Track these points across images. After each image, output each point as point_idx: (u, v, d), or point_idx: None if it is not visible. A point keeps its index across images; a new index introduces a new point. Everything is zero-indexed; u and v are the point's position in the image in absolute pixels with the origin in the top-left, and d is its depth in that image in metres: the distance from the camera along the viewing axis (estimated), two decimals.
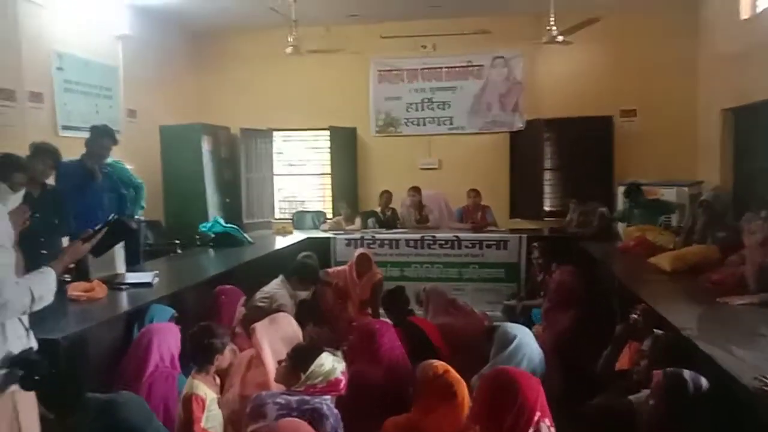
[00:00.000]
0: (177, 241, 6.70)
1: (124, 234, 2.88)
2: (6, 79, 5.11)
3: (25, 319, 1.82)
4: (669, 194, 6.46)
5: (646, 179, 6.58)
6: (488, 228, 6.57)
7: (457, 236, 6.26)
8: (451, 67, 8.02)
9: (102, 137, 4.28)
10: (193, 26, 8.03)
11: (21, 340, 1.81)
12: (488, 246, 6.18)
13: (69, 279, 3.57)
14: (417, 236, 6.30)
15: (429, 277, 6.23)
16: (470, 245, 6.21)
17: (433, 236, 6.28)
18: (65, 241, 4.20)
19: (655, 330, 2.64)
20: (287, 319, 3.37)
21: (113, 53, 6.70)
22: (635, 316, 3.01)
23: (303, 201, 8.86)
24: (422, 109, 8.12)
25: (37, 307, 1.82)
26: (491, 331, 3.59)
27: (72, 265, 2.20)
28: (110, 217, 2.49)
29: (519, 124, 7.92)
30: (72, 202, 4.11)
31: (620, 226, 6.24)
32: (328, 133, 8.08)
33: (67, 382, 2.53)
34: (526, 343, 2.81)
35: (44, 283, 1.85)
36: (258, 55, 8.19)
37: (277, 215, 8.64)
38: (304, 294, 4.53)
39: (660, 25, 7.40)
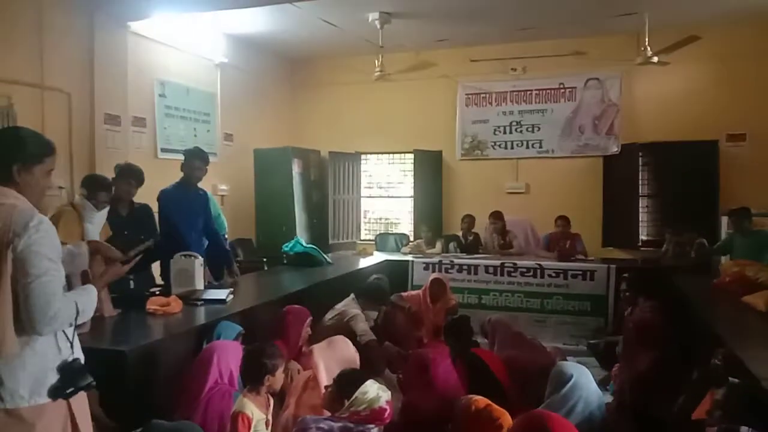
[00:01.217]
0: (264, 259, 6.98)
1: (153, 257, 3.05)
2: (114, 106, 5.59)
3: (70, 331, 1.93)
4: None
5: (754, 209, 6.01)
6: (576, 257, 6.26)
7: (539, 264, 6.02)
8: (542, 89, 7.82)
9: (193, 159, 4.43)
10: (286, 53, 8.41)
11: (66, 350, 1.92)
12: (573, 276, 5.89)
13: (156, 293, 3.82)
14: (497, 262, 6.13)
15: (509, 306, 6.04)
16: (554, 274, 5.95)
17: (514, 263, 6.08)
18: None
19: (731, 378, 2.38)
20: (345, 343, 3.38)
21: (212, 80, 7.14)
22: (716, 361, 2.73)
23: (390, 223, 8.93)
24: (510, 132, 7.96)
25: (80, 320, 1.93)
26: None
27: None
28: (146, 242, 2.69)
29: (614, 148, 7.55)
30: (174, 225, 4.31)
31: (722, 260, 5.74)
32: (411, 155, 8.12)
33: (129, 393, 2.69)
34: (583, 385, 2.61)
35: (87, 299, 1.96)
36: (347, 80, 8.42)
37: (363, 236, 8.76)
38: (373, 315, 4.53)
39: None
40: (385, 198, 8.98)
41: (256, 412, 2.55)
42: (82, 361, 1.99)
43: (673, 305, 4.28)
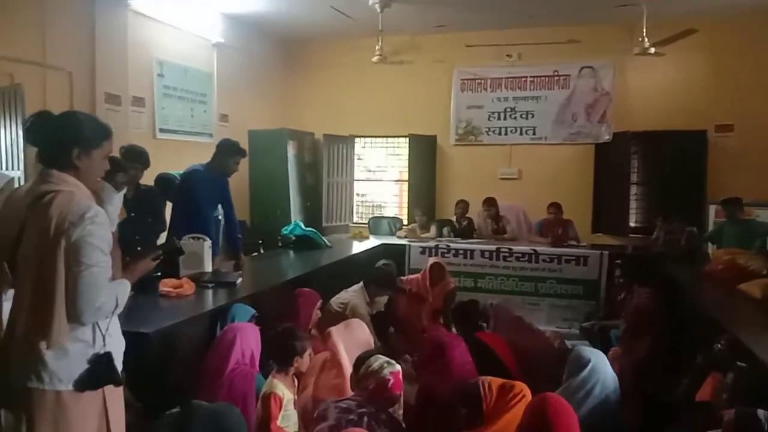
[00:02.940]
0: (260, 242, 7.01)
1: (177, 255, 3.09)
2: (114, 85, 5.54)
3: (105, 322, 1.96)
4: (765, 216, 6.06)
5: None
6: (569, 243, 6.41)
7: (534, 249, 6.15)
8: (537, 77, 7.90)
9: (235, 154, 4.39)
10: (283, 35, 8.35)
11: (99, 342, 1.95)
12: (567, 261, 6.03)
13: (159, 275, 3.83)
14: (492, 247, 6.25)
15: (504, 290, 6.17)
16: (548, 259, 6.09)
17: (510, 248, 6.21)
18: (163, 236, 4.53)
19: (739, 363, 2.51)
20: (361, 325, 3.46)
21: (209, 60, 7.08)
22: (719, 346, 2.87)
23: (381, 206, 9.00)
24: (504, 119, 8.04)
25: (116, 314, 1.97)
26: (565, 353, 3.53)
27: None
28: (172, 242, 2.75)
29: (605, 136, 7.68)
30: (197, 206, 4.33)
31: (710, 249, 5.94)
32: (407, 140, 8.17)
33: (152, 374, 2.73)
34: (600, 369, 2.73)
35: (124, 294, 1.99)
36: (343, 63, 8.41)
37: (355, 220, 8.81)
38: (383, 301, 4.62)
39: (762, 35, 6.96)
40: (375, 182, 9.04)
41: (286, 392, 2.63)
42: (121, 352, 2.03)
43: (668, 292, 4.43)
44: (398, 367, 2.71)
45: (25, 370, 1.83)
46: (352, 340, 3.22)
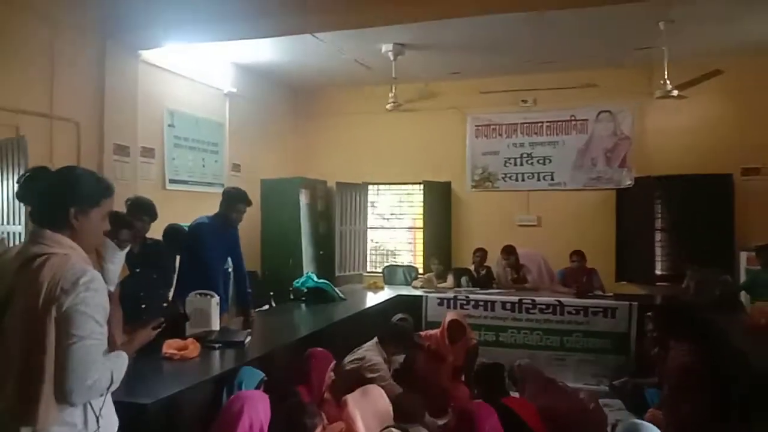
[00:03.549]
0: (271, 294, 6.76)
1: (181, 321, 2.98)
2: (124, 136, 5.43)
3: (98, 402, 1.72)
4: None
5: None
6: (594, 294, 6.10)
7: (559, 300, 5.85)
8: (553, 122, 7.76)
9: (238, 202, 4.23)
10: (295, 83, 8.32)
11: (92, 424, 1.71)
12: (594, 313, 5.71)
13: (161, 331, 3.58)
14: (514, 299, 5.96)
15: (527, 344, 5.85)
16: (574, 311, 5.77)
17: (533, 299, 5.91)
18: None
19: None
20: (379, 392, 3.19)
21: (220, 110, 7.01)
22: None
23: (394, 254, 8.77)
24: (521, 164, 7.87)
25: (111, 390, 1.73)
26: (601, 417, 3.22)
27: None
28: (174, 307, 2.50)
29: (627, 181, 7.46)
30: (204, 260, 4.16)
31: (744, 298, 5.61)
32: (421, 187, 7.99)
33: None
34: None
35: (121, 368, 1.77)
36: (356, 111, 8.35)
37: (369, 269, 8.58)
38: (399, 359, 4.33)
39: None
40: (388, 229, 8.84)
41: None
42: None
43: (711, 347, 4.10)
44: None
45: None
46: (370, 409, 2.95)
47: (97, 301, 1.65)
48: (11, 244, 4.06)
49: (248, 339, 3.81)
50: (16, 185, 1.82)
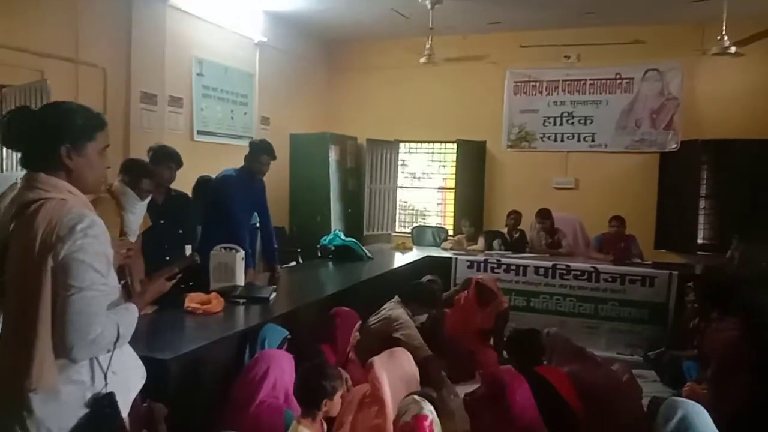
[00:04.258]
0: (299, 250, 6.69)
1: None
2: (151, 84, 5.29)
3: (105, 357, 1.60)
4: None
5: None
6: (632, 261, 5.85)
7: (594, 267, 5.61)
8: (597, 80, 7.36)
9: (261, 153, 4.16)
10: (327, 35, 8.04)
11: (99, 381, 1.60)
12: (631, 281, 5.47)
13: (185, 286, 3.50)
14: (548, 264, 5.74)
15: (559, 310, 5.66)
16: (610, 279, 5.54)
17: (567, 265, 5.68)
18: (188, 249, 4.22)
19: None
20: (406, 356, 3.06)
21: (250, 60, 6.81)
22: None
23: (423, 214, 8.60)
24: (561, 124, 7.52)
25: (119, 346, 1.60)
26: (633, 390, 3.05)
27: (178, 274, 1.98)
28: (190, 257, 2.47)
29: (672, 145, 7.08)
30: (230, 213, 4.09)
31: None
32: (454, 145, 7.75)
33: (174, 406, 2.38)
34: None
35: (129, 322, 1.64)
36: (388, 64, 8.06)
37: (398, 228, 8.43)
38: (421, 319, 4.19)
39: None
40: (418, 189, 8.65)
41: None
42: (133, 389, 1.68)
43: (758, 324, 3.86)
44: (427, 411, 2.34)
45: (7, 418, 1.49)
46: (396, 372, 2.82)
47: (96, 248, 1.51)
48: None
49: (273, 295, 3.72)
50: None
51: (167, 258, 3.75)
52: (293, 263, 6.12)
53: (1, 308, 1.58)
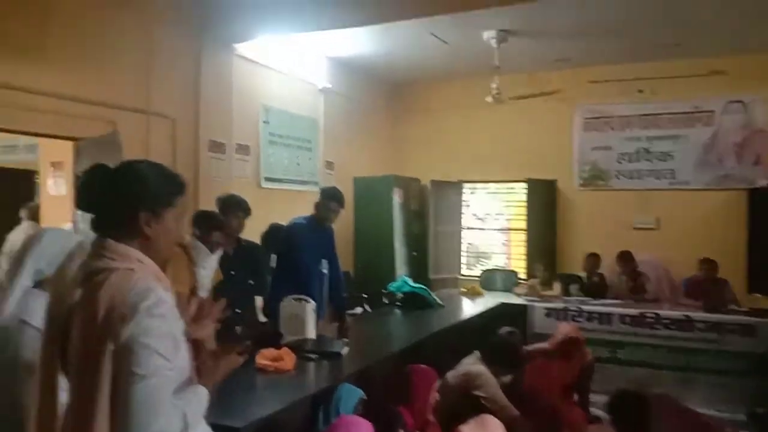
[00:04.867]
0: (364, 296, 6.49)
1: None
2: (219, 132, 5.31)
3: None
4: None
5: None
6: (728, 308, 5.36)
7: (687, 315, 5.16)
8: (674, 113, 6.96)
9: (331, 200, 4.11)
10: (390, 78, 8.00)
11: None
12: (730, 330, 5.00)
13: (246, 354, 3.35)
14: (634, 311, 5.32)
15: (647, 362, 5.22)
16: (704, 327, 5.08)
17: (656, 313, 5.25)
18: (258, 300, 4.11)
19: None
20: (495, 423, 2.78)
21: (314, 106, 6.81)
22: None
23: (487, 256, 8.31)
24: (637, 160, 7.13)
25: None
26: None
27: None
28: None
29: (762, 181, 6.57)
30: (300, 262, 4.01)
31: None
32: (521, 185, 7.49)
33: None
34: None
35: (197, 409, 1.45)
36: (452, 105, 7.94)
37: (464, 271, 8.14)
38: (506, 380, 3.87)
39: None
40: (481, 230, 8.38)
41: None
42: None
43: None
44: None
45: None
46: None
47: (164, 329, 1.33)
48: None
49: (345, 350, 3.51)
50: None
51: (237, 311, 3.65)
52: (359, 309, 5.93)
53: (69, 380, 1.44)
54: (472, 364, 3.77)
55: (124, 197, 1.43)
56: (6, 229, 5.62)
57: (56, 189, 5.54)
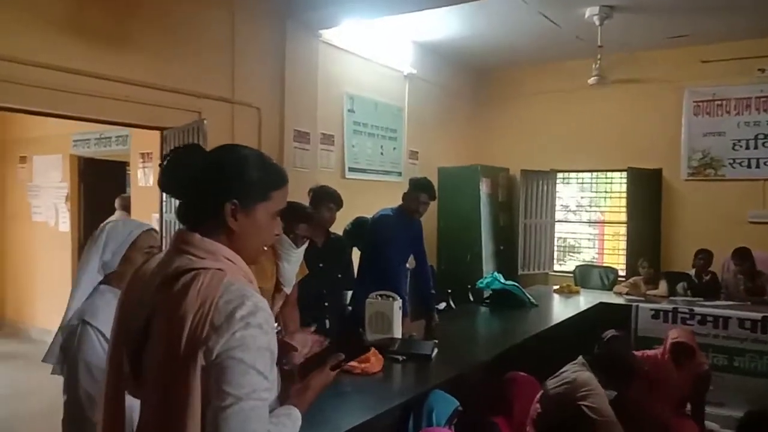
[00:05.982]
0: (449, 291, 6.23)
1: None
2: (303, 122, 5.18)
3: None
4: None
5: None
6: None
7: None
8: None
9: (420, 191, 3.85)
10: (478, 62, 7.64)
11: None
12: None
13: (339, 369, 3.19)
14: (756, 315, 4.74)
15: None
16: None
17: None
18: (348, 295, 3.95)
19: None
20: None
21: (399, 94, 6.59)
22: None
23: (577, 251, 7.82)
24: (755, 147, 6.43)
25: None
26: None
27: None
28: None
29: None
30: (385, 256, 3.83)
31: None
32: (621, 174, 7.01)
33: None
34: None
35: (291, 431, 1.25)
36: (545, 90, 7.49)
37: (555, 267, 7.70)
38: (611, 394, 3.49)
39: None
40: (575, 222, 7.95)
41: None
42: None
43: None
44: None
45: None
46: None
47: (260, 342, 1.13)
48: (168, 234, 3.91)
49: (435, 351, 3.27)
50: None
51: (326, 304, 3.51)
52: (443, 305, 5.68)
53: (138, 395, 1.27)
54: (577, 371, 3.42)
55: (212, 183, 1.23)
56: (102, 219, 5.78)
57: (144, 180, 5.64)
